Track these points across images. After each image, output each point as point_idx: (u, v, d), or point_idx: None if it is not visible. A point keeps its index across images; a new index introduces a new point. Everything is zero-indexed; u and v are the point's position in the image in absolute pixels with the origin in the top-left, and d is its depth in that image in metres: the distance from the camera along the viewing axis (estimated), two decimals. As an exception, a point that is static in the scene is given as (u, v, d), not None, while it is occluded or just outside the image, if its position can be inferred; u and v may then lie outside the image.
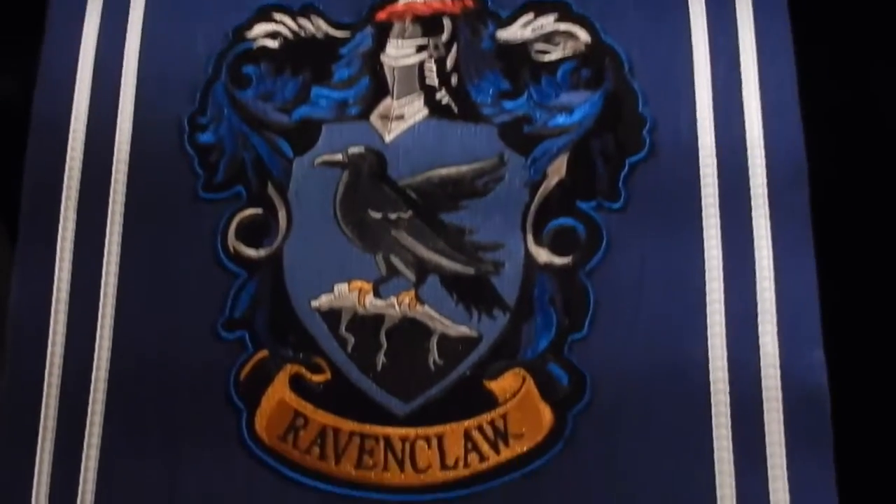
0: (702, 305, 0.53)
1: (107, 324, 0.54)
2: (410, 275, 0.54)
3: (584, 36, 0.57)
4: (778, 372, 0.52)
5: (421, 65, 0.58)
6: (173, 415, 0.52)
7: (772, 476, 0.51)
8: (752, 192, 0.55)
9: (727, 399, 0.52)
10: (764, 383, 0.52)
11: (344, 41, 0.58)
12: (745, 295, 0.53)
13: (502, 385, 0.53)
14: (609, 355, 0.53)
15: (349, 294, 0.54)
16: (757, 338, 0.53)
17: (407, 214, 0.55)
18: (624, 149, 0.56)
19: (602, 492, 0.51)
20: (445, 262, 0.54)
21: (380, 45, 0.58)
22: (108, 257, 0.54)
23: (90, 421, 0.52)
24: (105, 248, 0.55)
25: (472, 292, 0.54)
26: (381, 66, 0.58)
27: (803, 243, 0.54)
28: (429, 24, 0.58)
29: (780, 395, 0.52)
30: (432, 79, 0.57)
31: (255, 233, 0.55)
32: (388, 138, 0.56)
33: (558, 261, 0.54)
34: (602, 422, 0.52)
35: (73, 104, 0.57)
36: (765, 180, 0.55)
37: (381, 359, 0.53)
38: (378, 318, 0.54)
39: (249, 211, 0.55)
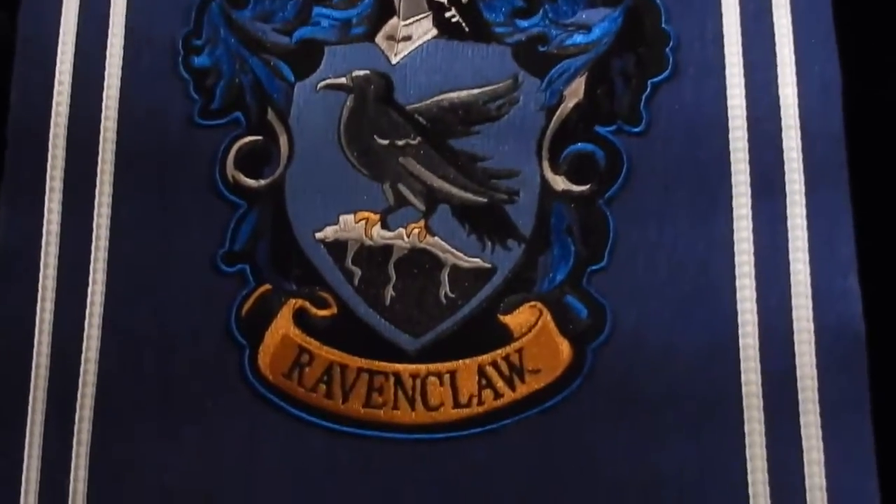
0: (729, 232, 0.52)
1: (101, 257, 0.52)
2: (420, 204, 0.53)
3: (602, -52, 0.55)
4: (809, 301, 0.50)
5: (429, -19, 0.55)
6: (171, 352, 0.51)
7: (803, 410, 0.50)
8: (782, 113, 0.53)
9: (755, 330, 0.50)
10: (795, 313, 0.51)
11: (346, -44, 0.56)
12: (774, 222, 0.52)
13: (518, 319, 0.51)
14: (630, 287, 0.51)
15: (355, 225, 0.52)
16: (787, 265, 0.51)
17: (415, 141, 0.53)
18: (645, 69, 0.54)
19: (623, 429, 0.50)
20: (456, 191, 0.53)
21: (385, -40, 0.56)
22: (100, 188, 0.53)
23: (85, 358, 0.51)
24: (97, 179, 0.53)
25: (485, 222, 0.52)
26: (387, -18, 0.55)
27: (836, 166, 0.52)
28: (437, -63, 0.56)
29: (811, 325, 0.50)
30: (441, -4, 0.55)
31: (255, 161, 0.54)
32: (394, 60, 0.54)
33: (576, 188, 0.53)
34: (623, 356, 0.50)
35: (60, 26, 0.55)
36: (796, 100, 0.53)
37: (389, 292, 0.52)
38: (386, 250, 0.52)
39: (249, 138, 0.54)
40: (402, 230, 0.52)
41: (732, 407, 0.50)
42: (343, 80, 0.54)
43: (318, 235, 0.52)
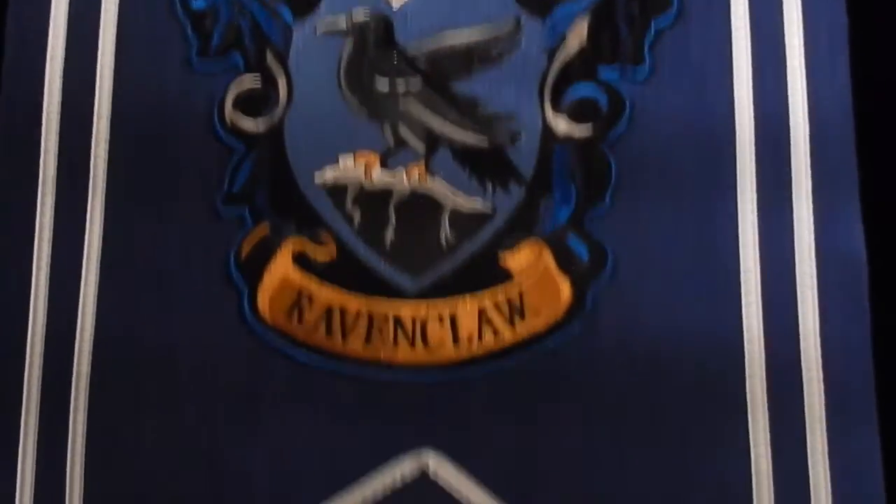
0: (732, 177, 0.52)
1: (98, 199, 0.53)
2: (420, 146, 0.53)
3: None
4: (812, 237, 0.51)
5: (430, -78, 0.56)
6: (170, 295, 0.52)
7: (804, 346, 0.51)
8: (787, 57, 0.54)
9: (756, 268, 0.51)
10: (797, 257, 0.52)
11: None
12: (778, 167, 0.53)
13: (518, 260, 0.52)
14: (632, 229, 0.52)
15: (355, 167, 0.53)
16: (791, 210, 0.52)
17: (416, 84, 0.54)
18: (650, 11, 0.54)
19: (623, 370, 0.51)
20: (457, 134, 0.54)
21: None
22: (96, 131, 0.53)
23: (83, 302, 0.52)
24: (93, 120, 0.54)
25: (486, 165, 0.53)
26: (387, -78, 0.56)
27: (841, 110, 0.52)
28: None
29: (813, 260, 0.51)
30: (442, -63, 0.56)
31: (253, 104, 0.54)
32: (395, 5, 0.55)
33: (578, 131, 0.53)
34: (624, 298, 0.51)
35: (55, -33, 0.55)
36: (802, 44, 0.54)
37: (389, 234, 0.52)
38: (386, 193, 0.53)
39: (248, 81, 0.54)
40: (402, 171, 0.53)
41: (734, 343, 0.51)
42: (342, 23, 0.55)
43: (318, 177, 0.53)
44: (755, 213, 0.52)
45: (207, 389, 0.51)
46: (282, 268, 0.52)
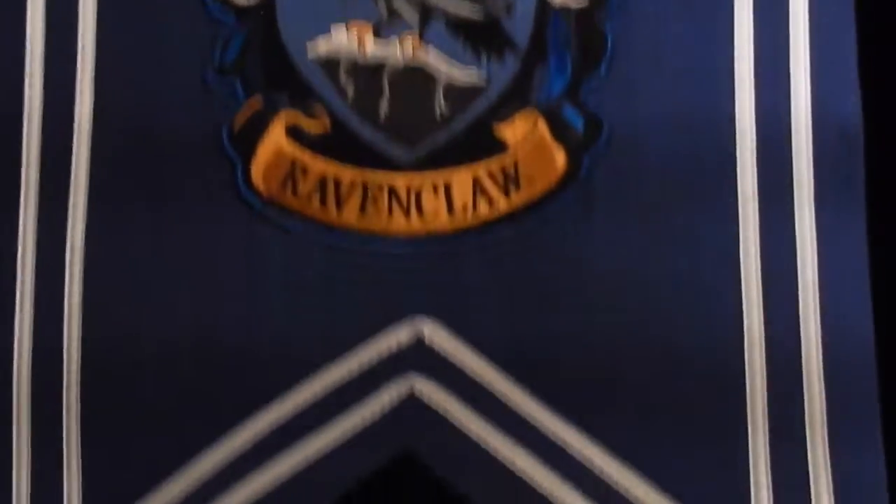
0: (729, 46, 0.53)
1: (87, 75, 0.53)
2: (413, 18, 0.53)
3: None
4: (808, 104, 0.52)
5: None
6: (163, 170, 0.53)
7: (799, 229, 0.52)
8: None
9: (752, 143, 0.52)
10: (794, 136, 0.52)
11: None
12: (776, 35, 0.53)
13: (513, 129, 0.53)
14: (628, 99, 0.53)
15: (347, 38, 0.53)
16: (788, 86, 0.52)
17: (409, -46, 0.54)
18: None
19: (620, 236, 0.51)
20: (451, 4, 0.53)
21: None
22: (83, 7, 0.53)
23: (75, 173, 0.52)
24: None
25: (481, 35, 0.53)
26: None
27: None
28: None
29: (810, 148, 0.52)
30: None
31: (243, -24, 0.54)
32: None
33: (574, 1, 0.53)
34: (619, 166, 0.52)
35: None
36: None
37: (383, 106, 0.53)
38: (379, 65, 0.53)
39: (238, -48, 0.54)
40: (395, 42, 0.53)
41: (729, 216, 0.52)
42: None
43: (310, 50, 0.53)
44: (751, 72, 0.52)
45: (203, 259, 0.52)
46: (275, 140, 0.53)
